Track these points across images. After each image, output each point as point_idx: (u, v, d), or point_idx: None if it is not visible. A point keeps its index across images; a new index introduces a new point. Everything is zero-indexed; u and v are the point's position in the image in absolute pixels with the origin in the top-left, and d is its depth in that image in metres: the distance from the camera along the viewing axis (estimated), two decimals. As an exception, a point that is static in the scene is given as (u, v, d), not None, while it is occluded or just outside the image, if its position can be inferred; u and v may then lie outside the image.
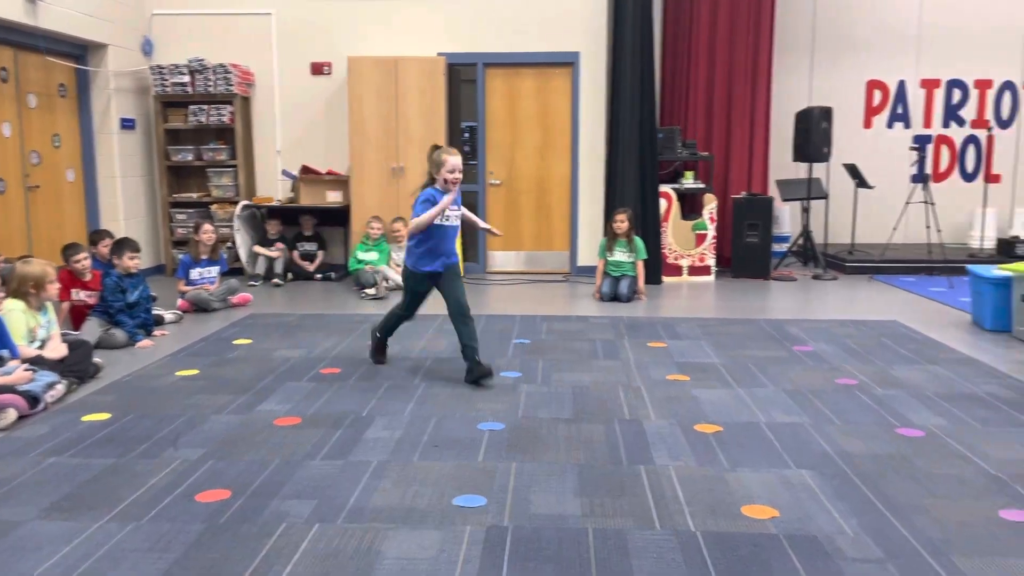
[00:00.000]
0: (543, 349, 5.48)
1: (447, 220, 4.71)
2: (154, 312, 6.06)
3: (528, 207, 8.79)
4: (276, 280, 7.95)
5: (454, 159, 4.64)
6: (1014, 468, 3.42)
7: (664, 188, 8.30)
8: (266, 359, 5.20)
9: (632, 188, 8.10)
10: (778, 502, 3.11)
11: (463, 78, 8.71)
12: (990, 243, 9.08)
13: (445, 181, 4.63)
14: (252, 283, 7.92)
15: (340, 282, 8.21)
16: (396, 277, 7.74)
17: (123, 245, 5.88)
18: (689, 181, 8.57)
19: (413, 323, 6.25)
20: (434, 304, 7.11)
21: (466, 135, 8.77)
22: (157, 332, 5.87)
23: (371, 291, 7.38)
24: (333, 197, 8.49)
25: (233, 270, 7.99)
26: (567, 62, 8.45)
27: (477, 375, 4.62)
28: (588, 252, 8.48)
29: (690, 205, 8.74)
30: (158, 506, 3.08)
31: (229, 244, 8.22)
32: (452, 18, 8.45)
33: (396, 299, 7.30)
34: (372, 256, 7.83)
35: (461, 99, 8.76)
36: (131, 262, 5.79)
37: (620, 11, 8.07)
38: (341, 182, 8.45)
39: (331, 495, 3.17)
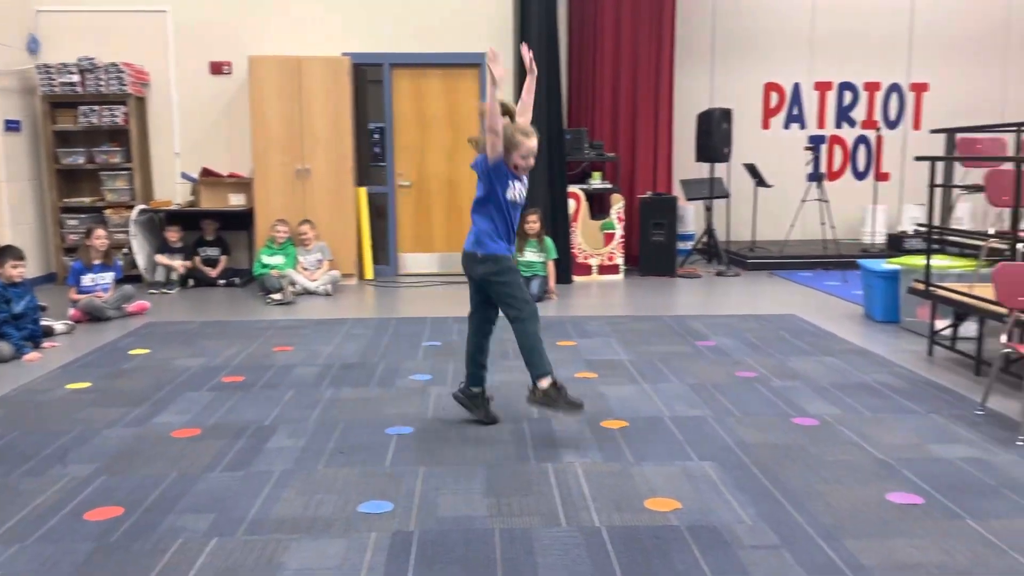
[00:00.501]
0: (454, 351, 5.44)
1: (519, 199, 3.89)
2: (43, 323, 5.76)
3: (439, 208, 8.75)
4: (164, 290, 7.65)
5: (531, 143, 3.78)
6: (900, 453, 3.59)
7: (573, 188, 8.40)
8: (164, 369, 5.01)
9: (542, 189, 8.16)
10: (680, 494, 3.17)
11: (369, 78, 8.59)
12: (881, 238, 9.54)
13: (515, 167, 3.81)
14: (151, 291, 7.64)
15: (245, 288, 7.98)
16: (304, 281, 7.59)
17: (5, 253, 5.56)
18: (597, 181, 8.69)
19: (323, 329, 6.15)
20: (343, 308, 7.04)
21: (376, 136, 8.66)
22: (46, 344, 5.58)
23: (277, 296, 7.19)
24: (236, 200, 8.25)
25: (130, 277, 7.67)
26: (474, 63, 8.45)
27: (482, 414, 4.02)
28: (499, 253, 8.49)
29: (598, 205, 8.86)
30: (44, 526, 2.92)
31: (125, 250, 7.89)
32: (356, 18, 8.34)
33: (304, 303, 7.19)
34: (278, 260, 7.65)
35: (368, 99, 8.65)
36: (14, 271, 5.49)
37: (526, 13, 8.12)
38: (244, 184, 8.22)
39: (230, 508, 3.07)
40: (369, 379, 4.77)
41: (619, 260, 8.54)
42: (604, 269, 8.51)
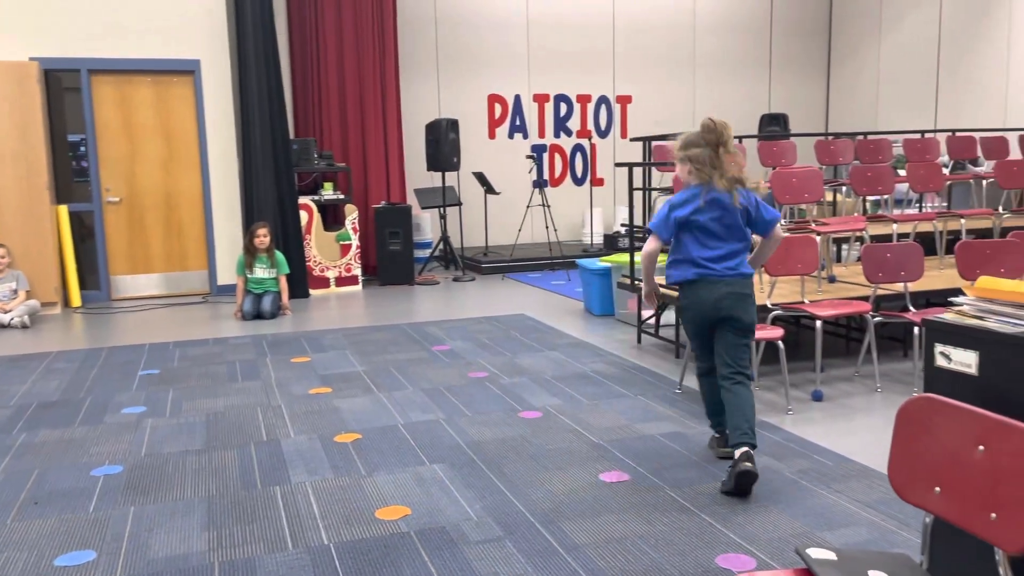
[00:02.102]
0: (174, 378, 5.08)
1: None
2: None
3: (156, 225, 8.12)
4: None
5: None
6: (612, 434, 3.90)
7: (304, 200, 8.20)
8: None
9: (270, 201, 7.87)
10: (411, 500, 3.20)
11: (65, 86, 7.78)
12: (599, 238, 10.32)
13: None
14: None
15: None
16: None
17: None
18: (329, 192, 8.56)
19: (17, 366, 5.45)
20: (43, 341, 6.28)
21: (82, 149, 7.85)
22: None
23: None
24: (-99, 225, 7.08)
25: None
26: (187, 70, 7.95)
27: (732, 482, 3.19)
28: (228, 270, 8.07)
29: (332, 216, 8.74)
30: None
31: None
32: (46, 19, 7.50)
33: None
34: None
35: (65, 109, 7.83)
36: None
37: (241, 20, 7.79)
38: (-89, 206, 7.08)
39: None
40: (72, 417, 4.31)
41: (357, 271, 8.46)
42: (342, 281, 8.39)
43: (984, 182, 7.48)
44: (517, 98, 10.56)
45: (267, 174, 7.87)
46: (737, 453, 3.17)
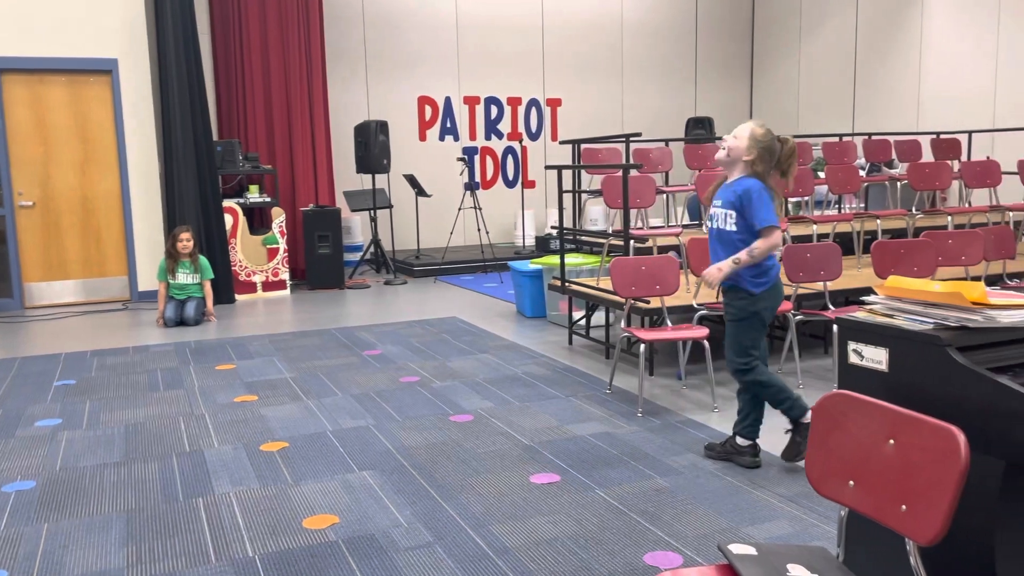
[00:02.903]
0: (92, 388, 4.90)
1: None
2: None
3: (72, 230, 7.81)
4: None
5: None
6: (543, 436, 3.91)
7: (229, 203, 8.01)
8: None
9: (193, 204, 7.66)
10: (339, 507, 3.15)
11: (-27, 84, 7.44)
12: (531, 240, 10.36)
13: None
14: None
15: None
16: None
17: None
18: (255, 195, 8.38)
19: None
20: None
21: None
22: None
23: None
24: None
25: None
26: (104, 69, 7.68)
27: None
28: (149, 276, 7.82)
29: (259, 219, 8.56)
30: None
31: None
32: (-50, 13, 7.16)
33: None
34: None
35: (-28, 108, 7.47)
36: None
37: (160, 18, 7.56)
38: None
39: None
40: (-19, 432, 4.11)
41: (285, 275, 8.30)
42: (269, 285, 8.22)
43: (899, 184, 7.79)
44: (448, 100, 10.53)
45: (190, 176, 7.66)
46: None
